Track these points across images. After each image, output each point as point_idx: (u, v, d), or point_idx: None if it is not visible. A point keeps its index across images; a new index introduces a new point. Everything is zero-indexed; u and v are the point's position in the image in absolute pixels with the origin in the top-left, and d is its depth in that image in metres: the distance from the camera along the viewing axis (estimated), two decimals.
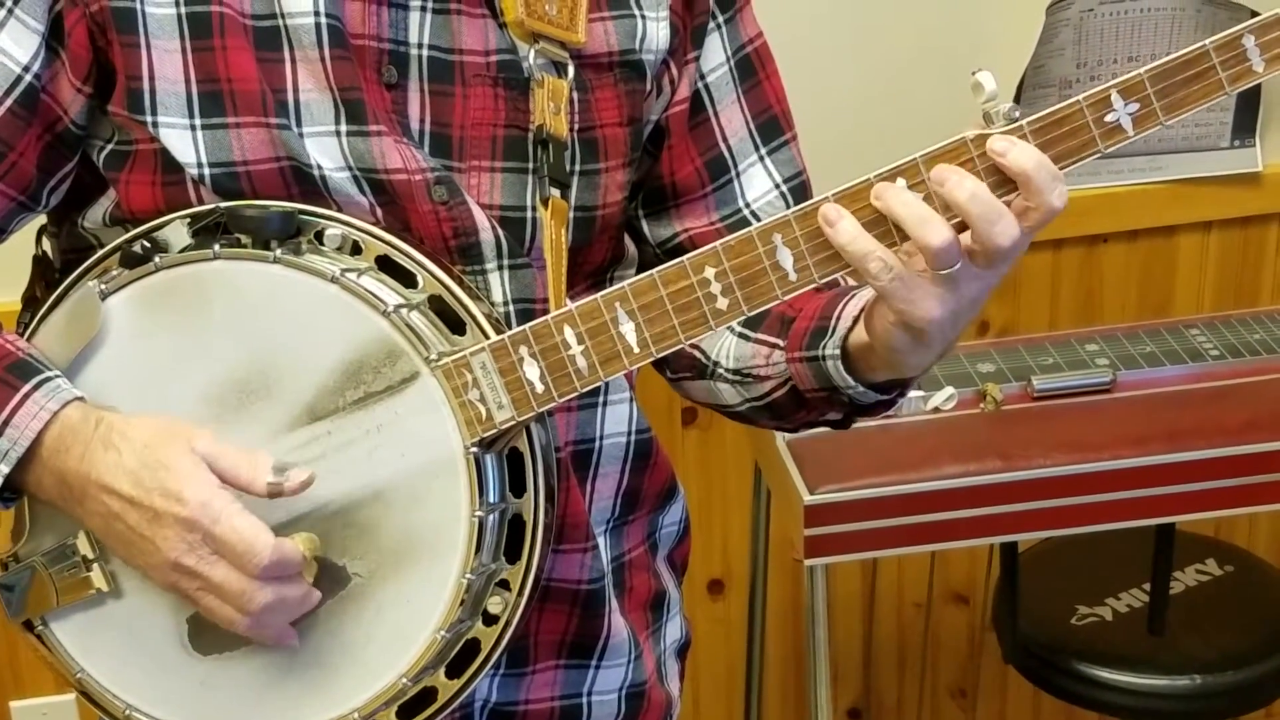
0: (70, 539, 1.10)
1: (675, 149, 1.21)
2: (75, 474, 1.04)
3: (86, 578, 1.10)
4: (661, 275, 1.04)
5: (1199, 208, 2.31)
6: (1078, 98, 1.01)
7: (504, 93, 1.12)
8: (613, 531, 1.26)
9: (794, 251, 1.03)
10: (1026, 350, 2.00)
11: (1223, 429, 1.85)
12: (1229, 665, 1.98)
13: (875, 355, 1.09)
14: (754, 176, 1.23)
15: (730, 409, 1.26)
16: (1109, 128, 1.01)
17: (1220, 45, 1.00)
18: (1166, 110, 1.01)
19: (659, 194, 1.23)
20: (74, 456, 1.04)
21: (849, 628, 2.45)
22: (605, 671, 1.25)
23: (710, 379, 1.25)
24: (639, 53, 1.16)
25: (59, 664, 1.14)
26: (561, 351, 1.05)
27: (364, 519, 1.07)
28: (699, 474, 2.34)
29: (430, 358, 1.05)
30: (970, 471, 1.81)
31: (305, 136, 1.09)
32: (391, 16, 1.10)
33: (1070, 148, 1.01)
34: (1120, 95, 1.01)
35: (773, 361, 1.19)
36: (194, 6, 1.07)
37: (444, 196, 1.10)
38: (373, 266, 1.08)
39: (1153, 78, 1.00)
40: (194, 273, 1.07)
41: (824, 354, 1.12)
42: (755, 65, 1.23)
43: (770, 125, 1.24)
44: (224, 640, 1.10)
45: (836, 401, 1.15)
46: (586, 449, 1.22)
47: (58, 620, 1.12)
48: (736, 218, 1.22)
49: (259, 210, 1.07)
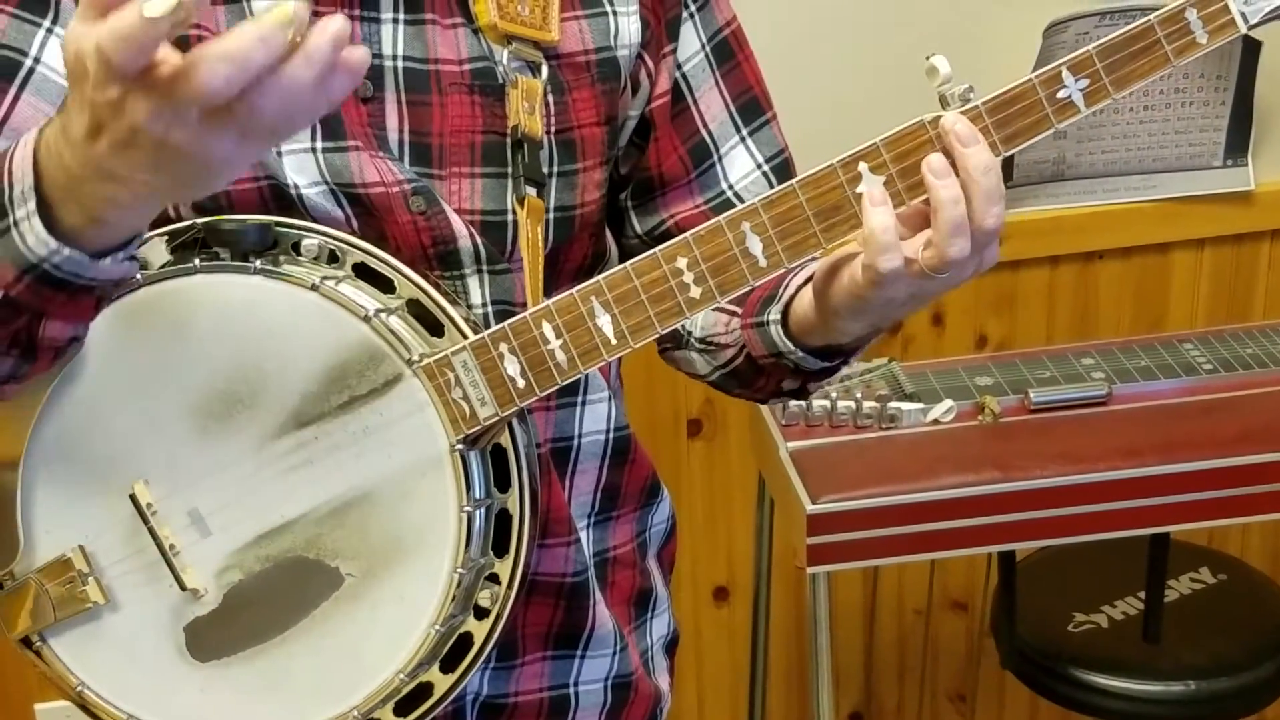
0: (64, 554, 1.10)
1: (660, 141, 1.22)
2: (72, 161, 0.90)
3: (83, 591, 1.10)
4: (635, 267, 1.04)
5: (1192, 225, 2.31)
6: (1029, 76, 1.02)
7: (480, 99, 1.12)
8: (596, 526, 1.27)
9: (762, 237, 1.03)
10: (1024, 364, 2.01)
11: (1216, 441, 1.86)
12: (1222, 671, 1.98)
13: (816, 322, 1.10)
14: (736, 158, 1.23)
15: (704, 378, 1.27)
16: (1061, 104, 1.02)
17: (1164, 19, 1.01)
18: (1116, 85, 1.02)
19: (647, 185, 1.24)
20: (66, 148, 0.90)
21: (850, 634, 2.45)
22: (591, 662, 1.26)
23: (685, 348, 1.26)
24: (614, 49, 1.16)
25: (58, 678, 1.13)
26: (540, 346, 1.05)
27: (354, 520, 1.08)
28: (704, 484, 2.35)
29: (412, 359, 1.06)
30: (969, 482, 1.82)
31: (283, 155, 1.09)
32: (364, 30, 1.10)
33: (1025, 125, 1.02)
34: (1070, 71, 1.01)
35: (730, 329, 1.20)
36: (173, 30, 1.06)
37: (422, 207, 1.10)
38: (350, 274, 1.08)
39: (1101, 53, 1.01)
40: (176, 288, 1.07)
41: (768, 319, 1.13)
42: (732, 48, 1.23)
43: (750, 106, 1.24)
44: (222, 646, 1.10)
45: (783, 366, 1.16)
46: (565, 446, 1.22)
47: (55, 635, 1.12)
48: (720, 199, 1.23)
49: (236, 224, 1.07)
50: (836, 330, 1.10)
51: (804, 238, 1.03)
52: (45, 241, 0.93)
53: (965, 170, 1.00)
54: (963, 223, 1.00)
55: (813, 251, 1.04)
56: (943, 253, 1.00)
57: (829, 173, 1.03)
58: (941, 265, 1.01)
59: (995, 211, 1.00)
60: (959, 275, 1.03)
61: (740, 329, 1.18)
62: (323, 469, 1.07)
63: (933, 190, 1.00)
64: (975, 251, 1.01)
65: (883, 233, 1.00)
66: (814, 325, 1.11)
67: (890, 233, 1.01)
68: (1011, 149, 1.03)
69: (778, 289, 1.15)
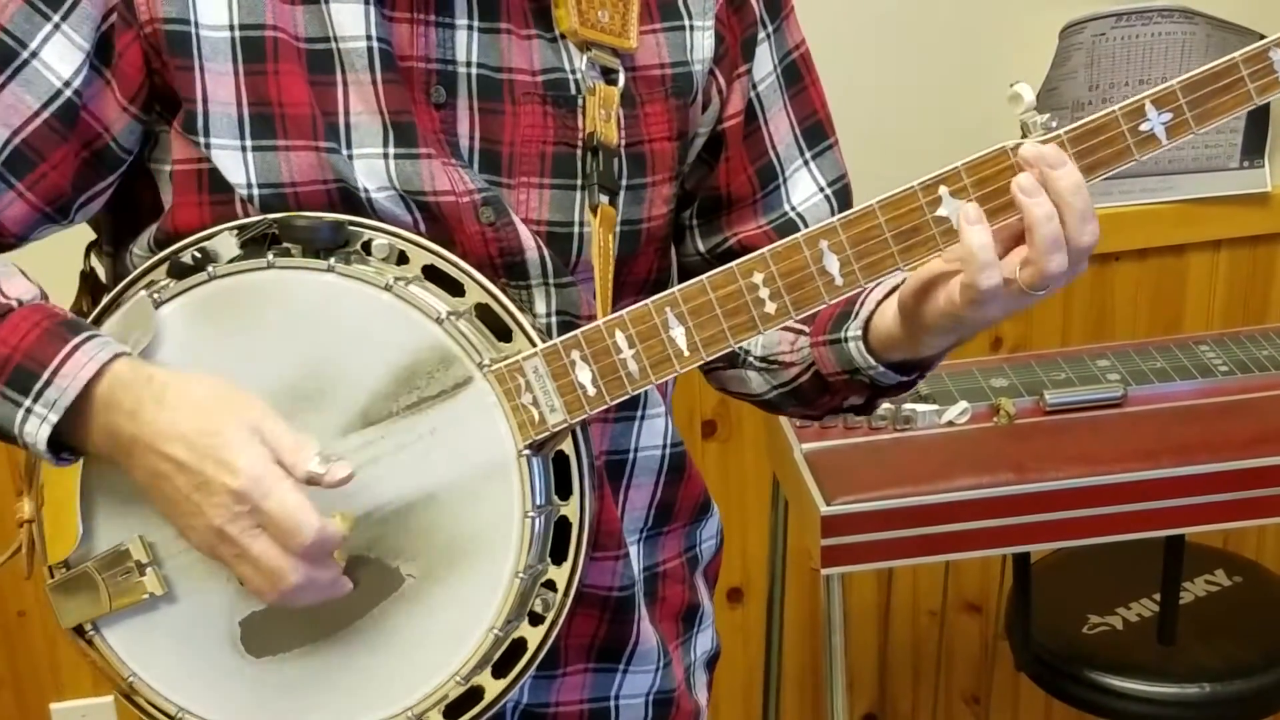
0: (124, 543, 1.10)
1: (731, 160, 1.22)
2: (125, 430, 1.03)
3: (140, 582, 1.10)
4: (710, 280, 1.05)
5: (1209, 227, 2.31)
6: (1113, 108, 1.03)
7: (553, 110, 1.12)
8: (647, 541, 1.26)
9: (840, 256, 1.04)
10: (1039, 365, 2.01)
11: (1231, 443, 1.86)
12: (1238, 674, 1.97)
13: (901, 339, 1.11)
14: (799, 180, 1.24)
15: (759, 397, 1.27)
16: (1143, 137, 1.03)
17: (1248, 58, 1.03)
18: (1199, 120, 1.03)
19: (714, 204, 1.24)
20: (124, 412, 1.03)
21: (865, 635, 2.45)
22: (633, 676, 1.26)
23: (741, 367, 1.26)
24: (689, 64, 1.17)
25: (109, 669, 1.13)
26: (613, 355, 1.05)
27: (418, 521, 1.08)
28: (719, 485, 2.34)
29: (483, 363, 1.06)
30: (984, 484, 1.82)
31: (354, 159, 1.09)
32: (439, 36, 1.10)
33: (1105, 156, 1.03)
34: (1154, 105, 1.03)
35: (797, 347, 1.21)
36: (248, 31, 1.07)
37: (491, 218, 1.10)
38: (419, 276, 1.08)
39: (1185, 88, 1.03)
40: (249, 281, 1.07)
41: (846, 336, 1.14)
42: (801, 71, 1.24)
43: (814, 130, 1.25)
44: (277, 642, 1.10)
45: (857, 383, 1.17)
46: (620, 459, 1.22)
47: (109, 625, 1.12)
48: (783, 220, 1.23)
49: (310, 220, 1.07)
50: (923, 345, 1.11)
51: (881, 258, 1.04)
52: (38, 444, 1.05)
53: (1057, 193, 1.02)
54: (1059, 238, 1.02)
55: (889, 271, 1.05)
56: (1042, 269, 1.02)
57: (909, 195, 1.04)
58: (1041, 282, 1.03)
59: (1090, 229, 1.02)
60: (1053, 290, 1.04)
61: (810, 347, 1.19)
62: (388, 469, 1.07)
63: (1027, 209, 1.02)
64: (1071, 266, 1.03)
65: (982, 250, 1.02)
66: (898, 342, 1.12)
67: (990, 250, 1.02)
68: (1092, 179, 1.04)
69: (853, 306, 1.15)
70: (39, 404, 1.03)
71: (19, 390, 1.04)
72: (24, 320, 1.06)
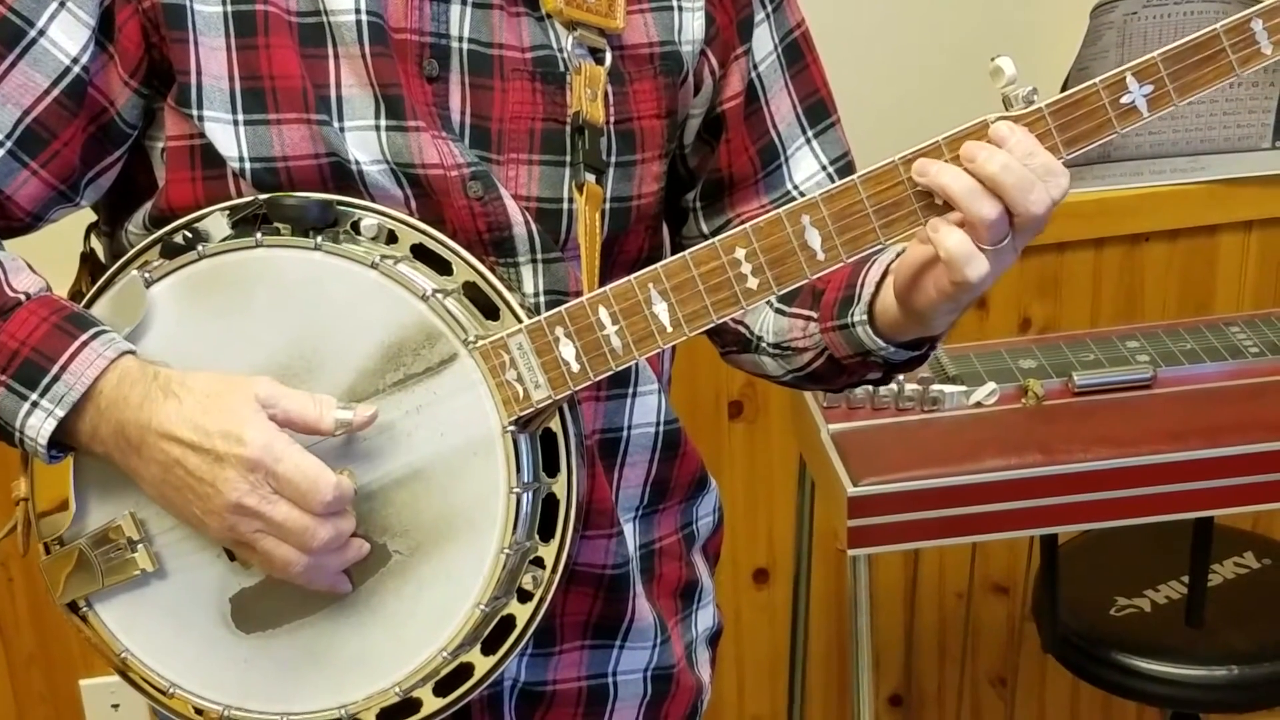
0: (115, 520, 1.11)
1: (732, 141, 1.23)
2: (134, 422, 1.04)
3: (131, 559, 1.12)
4: (693, 256, 1.06)
5: (1240, 207, 2.30)
6: (1094, 80, 1.03)
7: (541, 87, 1.13)
8: (642, 519, 1.27)
9: (822, 232, 1.05)
10: (1068, 347, 2.01)
11: (1261, 425, 1.85)
12: (1266, 656, 1.97)
13: (903, 322, 1.12)
14: (801, 159, 1.24)
15: (777, 379, 1.28)
16: (1124, 109, 1.03)
17: (1230, 29, 1.02)
18: (1180, 92, 1.03)
19: (716, 185, 1.25)
20: (132, 405, 1.05)
21: (891, 616, 2.45)
22: (630, 652, 1.27)
23: (755, 353, 1.27)
24: (678, 44, 1.17)
25: (102, 644, 1.15)
26: (596, 331, 1.06)
27: (404, 498, 1.09)
28: (745, 466, 2.34)
29: (468, 339, 1.07)
30: (1011, 465, 1.82)
31: (345, 131, 1.10)
32: (433, 10, 1.11)
33: (1087, 129, 1.03)
34: (1135, 78, 1.03)
35: (808, 334, 1.21)
36: (240, 5, 1.09)
37: (479, 192, 1.11)
38: (408, 255, 1.09)
39: (1166, 60, 1.02)
40: (238, 260, 1.08)
41: (853, 321, 1.15)
42: (802, 50, 1.24)
43: (816, 108, 1.25)
44: (267, 618, 1.11)
45: (871, 363, 1.18)
46: (614, 438, 1.23)
47: (102, 601, 1.14)
48: (785, 199, 1.23)
49: (299, 200, 1.08)
50: (927, 325, 1.12)
51: (863, 233, 1.05)
52: (39, 438, 1.05)
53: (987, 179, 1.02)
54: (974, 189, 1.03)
55: (872, 246, 1.05)
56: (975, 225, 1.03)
57: (890, 169, 1.04)
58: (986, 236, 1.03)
59: (1035, 199, 1.02)
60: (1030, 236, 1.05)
61: (820, 333, 1.19)
62: (375, 445, 1.08)
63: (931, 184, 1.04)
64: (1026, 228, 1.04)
65: (958, 248, 1.03)
66: (903, 325, 1.13)
67: (966, 244, 1.03)
68: (1073, 151, 1.04)
69: (854, 290, 1.16)
70: (46, 398, 1.05)
71: (26, 384, 1.05)
72: (32, 315, 1.07)
